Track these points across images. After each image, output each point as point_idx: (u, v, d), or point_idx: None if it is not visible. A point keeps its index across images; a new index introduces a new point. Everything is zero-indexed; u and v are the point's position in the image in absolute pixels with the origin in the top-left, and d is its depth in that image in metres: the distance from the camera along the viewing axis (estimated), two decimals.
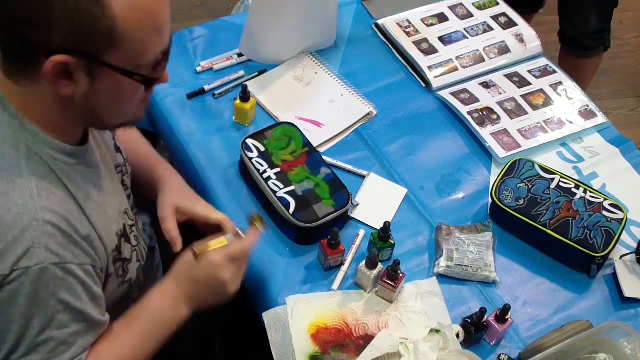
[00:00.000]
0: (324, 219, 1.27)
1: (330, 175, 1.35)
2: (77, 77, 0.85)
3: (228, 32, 1.69)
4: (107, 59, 0.85)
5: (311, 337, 1.17)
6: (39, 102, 0.89)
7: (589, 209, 1.34)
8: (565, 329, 1.21)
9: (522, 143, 1.52)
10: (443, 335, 1.15)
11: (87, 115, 0.92)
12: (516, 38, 1.74)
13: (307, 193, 1.30)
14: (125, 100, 0.93)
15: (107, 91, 0.89)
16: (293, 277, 1.26)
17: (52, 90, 0.87)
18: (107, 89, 0.89)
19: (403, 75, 1.67)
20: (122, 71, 0.87)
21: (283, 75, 1.61)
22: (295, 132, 1.41)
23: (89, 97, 0.88)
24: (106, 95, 0.90)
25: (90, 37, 0.82)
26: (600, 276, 1.33)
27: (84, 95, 0.88)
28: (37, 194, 0.86)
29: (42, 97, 0.88)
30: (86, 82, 0.87)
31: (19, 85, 0.88)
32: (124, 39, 0.84)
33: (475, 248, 1.30)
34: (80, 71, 0.85)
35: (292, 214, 1.27)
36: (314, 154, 1.38)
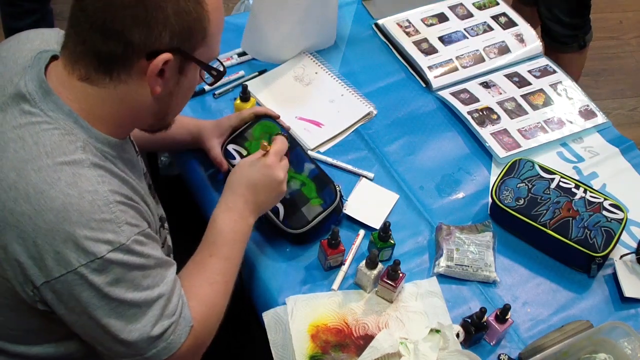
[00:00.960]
0: (314, 221, 1.27)
1: (314, 170, 1.33)
2: (169, 74, 0.93)
3: (228, 32, 1.67)
4: (198, 56, 0.95)
5: (311, 337, 1.17)
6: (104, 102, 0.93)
7: (589, 208, 1.34)
8: (565, 329, 1.21)
9: (522, 143, 1.52)
10: (443, 335, 1.15)
11: (158, 114, 0.99)
12: (516, 38, 1.74)
13: (294, 195, 1.29)
14: (191, 94, 1.03)
15: (187, 87, 0.99)
16: (293, 277, 1.26)
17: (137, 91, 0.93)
18: (187, 85, 0.98)
19: (403, 75, 1.67)
20: (206, 66, 0.98)
21: (283, 75, 1.61)
22: (274, 127, 1.38)
23: (172, 94, 0.97)
24: (183, 90, 0.99)
25: (192, 35, 0.92)
26: (600, 276, 1.33)
27: (169, 92, 0.96)
28: (102, 181, 0.90)
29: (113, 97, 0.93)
30: (175, 79, 0.95)
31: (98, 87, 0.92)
32: (211, 36, 0.94)
33: (475, 248, 1.30)
34: (173, 69, 0.93)
35: (282, 221, 1.27)
36: (295, 149, 1.35)
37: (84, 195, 0.88)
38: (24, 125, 0.90)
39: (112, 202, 0.90)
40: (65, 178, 0.88)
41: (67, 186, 0.87)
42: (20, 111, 0.91)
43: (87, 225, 0.87)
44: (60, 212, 0.86)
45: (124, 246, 0.89)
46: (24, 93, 0.91)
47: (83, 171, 0.89)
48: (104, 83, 0.92)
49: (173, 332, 0.97)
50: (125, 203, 0.92)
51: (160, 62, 0.90)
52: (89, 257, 0.87)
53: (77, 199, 0.87)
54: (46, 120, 0.91)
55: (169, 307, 0.97)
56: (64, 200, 0.86)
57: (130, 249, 0.90)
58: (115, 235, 0.89)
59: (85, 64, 0.91)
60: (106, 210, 0.89)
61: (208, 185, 1.39)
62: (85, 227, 0.87)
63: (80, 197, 0.87)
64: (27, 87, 0.92)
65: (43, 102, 0.91)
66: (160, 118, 1.02)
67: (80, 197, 0.87)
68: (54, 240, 0.86)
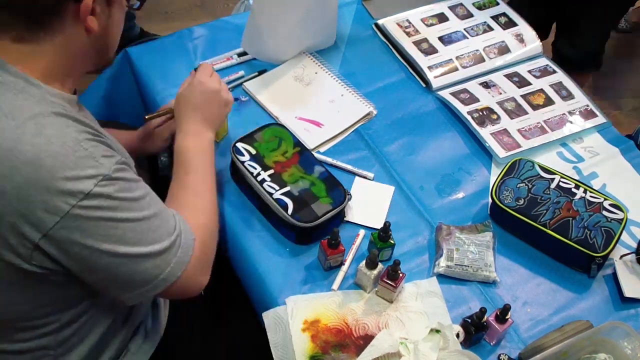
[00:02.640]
0: (324, 217, 1.27)
1: (324, 173, 1.34)
2: (100, 9, 0.97)
3: (228, 32, 1.70)
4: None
5: (311, 337, 1.17)
6: (45, 56, 0.95)
7: (589, 209, 1.34)
8: (565, 329, 1.21)
9: (522, 143, 1.52)
10: (443, 335, 1.15)
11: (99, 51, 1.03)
12: (516, 38, 1.74)
13: (303, 193, 1.30)
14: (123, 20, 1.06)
15: (118, 19, 1.03)
16: (293, 277, 1.26)
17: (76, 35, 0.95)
18: (117, 17, 1.02)
19: (403, 75, 1.67)
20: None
21: (283, 75, 1.61)
22: (284, 133, 1.40)
23: (107, 29, 1.01)
24: (116, 21, 1.03)
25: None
26: (600, 276, 1.33)
27: (103, 28, 0.99)
28: (65, 125, 0.91)
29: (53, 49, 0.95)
30: (106, 12, 0.99)
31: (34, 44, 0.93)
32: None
33: (475, 248, 1.30)
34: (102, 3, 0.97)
35: (291, 215, 1.27)
36: (305, 153, 1.37)
37: (52, 140, 0.88)
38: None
39: (82, 140, 0.91)
40: (29, 131, 0.88)
41: (33, 137, 0.88)
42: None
43: (65, 167, 0.88)
44: (34, 162, 0.87)
45: (107, 176, 0.91)
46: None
47: (44, 120, 0.90)
48: (38, 38, 0.93)
49: (180, 246, 1.02)
50: (95, 139, 0.93)
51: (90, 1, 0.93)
52: (78, 196, 0.88)
53: (46, 145, 0.88)
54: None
55: (169, 223, 1.02)
56: (34, 151, 0.87)
57: (114, 177, 0.92)
58: (96, 169, 0.90)
59: (13, 26, 0.92)
60: (78, 148, 0.90)
61: None
62: (63, 170, 0.88)
63: (49, 143, 0.88)
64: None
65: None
66: (102, 54, 1.05)
67: (49, 143, 0.88)
68: (37, 191, 0.87)
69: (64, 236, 0.90)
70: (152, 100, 1.55)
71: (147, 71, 1.59)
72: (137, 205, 0.96)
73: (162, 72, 1.58)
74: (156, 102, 1.53)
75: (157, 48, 1.65)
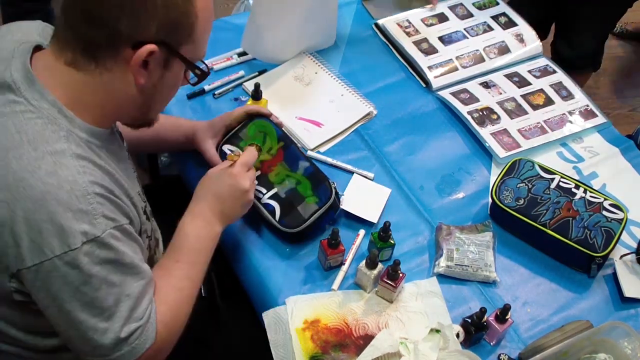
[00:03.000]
0: (310, 219, 1.27)
1: (309, 168, 1.33)
2: (153, 67, 0.94)
3: (228, 32, 1.69)
4: (183, 52, 0.95)
5: (311, 337, 1.17)
6: (90, 90, 0.94)
7: (589, 208, 1.34)
8: (565, 329, 1.21)
9: (522, 143, 1.52)
10: (443, 335, 1.15)
11: (141, 107, 1.00)
12: (516, 38, 1.74)
13: (289, 194, 1.30)
14: (175, 92, 1.04)
15: (171, 83, 0.99)
16: (293, 277, 1.26)
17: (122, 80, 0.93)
18: (171, 80, 0.99)
19: (403, 75, 1.67)
20: (190, 64, 0.98)
21: (283, 75, 1.61)
22: (268, 126, 1.38)
23: (155, 88, 0.97)
24: (168, 86, 1.00)
25: (178, 30, 0.93)
26: (600, 276, 1.33)
27: (153, 86, 0.96)
28: (83, 171, 0.90)
29: (99, 86, 0.94)
30: (159, 73, 0.95)
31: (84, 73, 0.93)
32: (198, 35, 0.95)
33: (475, 248, 1.30)
34: (158, 62, 0.94)
35: (278, 221, 1.27)
36: (289, 147, 1.36)
37: (62, 184, 0.87)
38: (7, 114, 0.91)
39: (91, 194, 0.89)
40: (45, 167, 0.88)
41: (47, 175, 0.87)
42: (5, 100, 0.92)
43: (64, 215, 0.87)
44: (38, 200, 0.86)
45: (98, 239, 0.89)
46: (9, 83, 0.92)
47: (64, 160, 0.89)
48: (89, 69, 0.92)
49: (139, 337, 0.97)
50: (104, 196, 0.92)
51: (144, 52, 0.90)
52: (63, 248, 0.87)
53: (55, 188, 0.87)
54: (30, 109, 0.91)
55: (138, 310, 0.96)
56: (43, 189, 0.87)
57: (104, 243, 0.90)
58: (91, 226, 0.88)
59: (72, 48, 0.92)
60: (84, 201, 0.88)
61: None
62: (61, 217, 0.87)
63: (59, 187, 0.87)
64: (13, 76, 0.92)
65: (28, 92, 0.92)
66: (143, 112, 1.02)
67: (59, 186, 0.87)
68: (31, 229, 0.87)
69: (35, 279, 0.89)
70: None
71: None
72: (115, 279, 0.93)
73: None
74: None
75: None
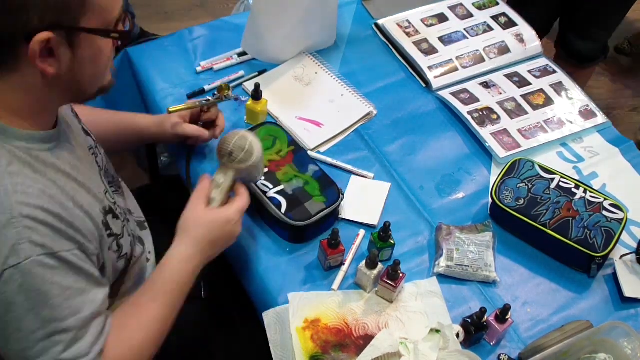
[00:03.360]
0: (317, 215, 1.27)
1: (318, 172, 1.34)
2: (60, 52, 0.88)
3: (228, 32, 1.69)
4: (84, 25, 0.88)
5: (311, 337, 1.17)
6: (10, 94, 0.90)
7: (589, 209, 1.34)
8: (565, 329, 1.21)
9: (522, 143, 1.52)
10: (443, 335, 1.15)
11: (70, 89, 0.94)
12: (516, 38, 1.74)
13: (297, 191, 1.30)
14: (104, 61, 0.96)
15: (88, 57, 0.92)
16: (293, 277, 1.26)
17: (32, 75, 0.88)
18: (88, 55, 0.91)
19: (403, 75, 1.67)
20: (100, 32, 0.90)
21: (283, 75, 1.61)
22: (279, 132, 1.40)
23: (73, 69, 0.91)
24: (88, 61, 0.92)
25: (65, 8, 0.85)
26: (600, 276, 1.33)
27: (68, 68, 0.90)
28: (13, 190, 0.86)
29: (15, 87, 0.90)
30: (68, 54, 0.89)
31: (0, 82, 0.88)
32: (94, 2, 0.88)
33: (475, 248, 1.30)
34: (61, 45, 0.87)
35: (285, 214, 1.27)
36: (300, 152, 1.37)
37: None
38: None
39: (17, 217, 0.85)
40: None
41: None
42: None
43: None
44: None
45: (19, 266, 0.85)
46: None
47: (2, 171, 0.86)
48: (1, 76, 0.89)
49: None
50: (36, 219, 0.87)
51: (37, 44, 0.84)
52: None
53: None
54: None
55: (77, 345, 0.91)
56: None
57: (26, 271, 0.86)
58: (12, 252, 0.85)
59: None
60: (8, 225, 0.85)
61: None
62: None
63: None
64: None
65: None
66: (75, 91, 0.97)
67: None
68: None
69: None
70: (152, 100, 1.55)
71: (147, 71, 1.59)
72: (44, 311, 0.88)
73: (162, 72, 1.58)
74: (156, 102, 1.53)
75: (157, 48, 1.64)
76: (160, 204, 1.36)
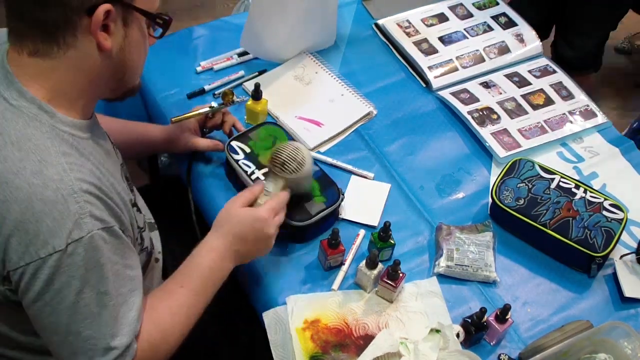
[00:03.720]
0: (317, 216, 1.27)
1: (318, 172, 1.34)
2: (114, 27, 0.92)
3: (228, 32, 1.69)
4: (137, 5, 0.94)
5: (311, 337, 1.17)
6: (62, 74, 0.93)
7: (589, 208, 1.34)
8: (565, 329, 1.21)
9: (522, 143, 1.52)
10: (443, 335, 1.15)
11: (116, 74, 0.98)
12: (516, 38, 1.74)
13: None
14: (145, 50, 1.02)
15: (135, 41, 0.97)
16: (293, 277, 1.26)
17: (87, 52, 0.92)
18: (135, 38, 0.97)
19: (403, 75, 1.67)
20: (149, 15, 0.96)
21: (283, 74, 1.61)
22: (279, 132, 1.40)
23: (124, 49, 0.96)
24: (135, 45, 0.97)
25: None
26: (600, 276, 1.33)
27: (120, 47, 0.95)
28: (69, 168, 0.89)
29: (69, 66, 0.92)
30: (121, 32, 0.94)
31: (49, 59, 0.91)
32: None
33: (475, 248, 1.30)
34: (116, 21, 0.92)
35: (285, 214, 1.27)
36: None
37: (48, 184, 0.87)
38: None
39: (77, 192, 0.88)
40: (30, 167, 0.87)
41: (32, 175, 0.87)
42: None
43: (50, 216, 0.86)
44: (24, 202, 0.86)
45: (83, 240, 0.88)
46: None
47: (49, 158, 0.88)
48: (53, 53, 0.91)
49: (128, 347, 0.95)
50: (93, 193, 0.90)
51: (101, 14, 0.88)
52: (48, 249, 0.87)
53: (41, 187, 0.86)
54: (9, 110, 0.90)
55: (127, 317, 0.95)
56: (29, 191, 0.86)
57: (90, 244, 0.89)
58: (76, 227, 0.87)
59: (30, 38, 0.90)
60: (70, 200, 0.87)
61: (207, 185, 1.39)
62: (47, 218, 0.86)
63: (44, 187, 0.86)
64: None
65: (6, 92, 0.91)
66: (119, 78, 1.00)
67: (45, 186, 0.86)
68: (18, 231, 0.86)
69: (20, 280, 0.89)
70: (152, 100, 1.55)
71: (147, 71, 1.57)
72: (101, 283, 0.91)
73: (162, 72, 1.58)
74: (156, 102, 1.53)
75: (157, 48, 1.64)
76: (160, 204, 1.36)
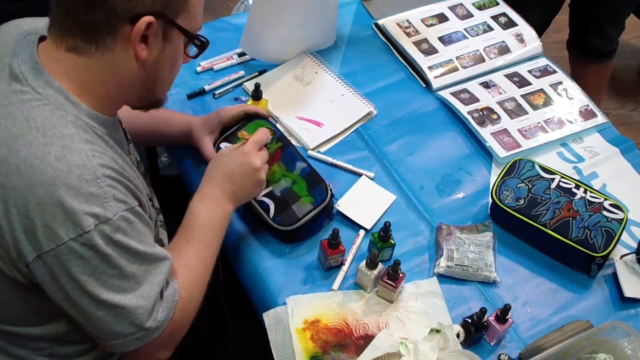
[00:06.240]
0: (304, 218, 1.27)
1: (306, 169, 1.34)
2: (153, 40, 0.95)
3: (228, 32, 1.69)
4: (180, 23, 0.96)
5: (311, 337, 1.17)
6: (94, 73, 0.95)
7: (589, 209, 1.34)
8: (565, 329, 1.21)
9: (522, 143, 1.52)
10: (443, 335, 1.15)
11: (146, 84, 1.00)
12: (516, 38, 1.74)
13: (284, 192, 1.30)
14: (178, 68, 1.04)
15: (171, 57, 1.00)
16: (293, 277, 1.26)
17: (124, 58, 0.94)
18: (171, 54, 0.99)
19: (403, 75, 1.67)
20: (189, 35, 0.99)
21: (283, 75, 1.61)
22: (267, 126, 1.38)
23: (158, 62, 0.98)
24: (169, 60, 1.00)
25: (172, 1, 0.94)
26: (600, 276, 1.33)
27: (155, 59, 0.97)
28: (92, 155, 0.91)
29: (103, 67, 0.95)
30: (159, 46, 0.96)
31: (85, 57, 0.93)
32: (193, 4, 0.97)
33: (475, 248, 1.30)
34: (156, 35, 0.95)
35: (272, 218, 1.27)
36: (287, 148, 1.36)
37: (72, 169, 0.88)
38: (14, 103, 0.91)
39: (101, 177, 0.90)
40: (55, 152, 0.88)
41: (56, 160, 0.88)
42: (11, 90, 0.92)
43: (75, 199, 0.88)
44: (49, 185, 0.87)
45: (110, 221, 0.90)
46: (16, 73, 0.93)
47: (73, 145, 0.90)
48: (90, 52, 0.93)
49: (160, 314, 0.98)
50: (115, 178, 0.93)
51: (142, 25, 0.91)
52: (77, 231, 0.88)
53: (65, 172, 0.88)
54: (36, 97, 0.92)
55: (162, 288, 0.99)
56: (53, 174, 0.87)
57: (116, 225, 0.91)
58: (102, 209, 0.89)
59: (72, 35, 0.93)
60: (94, 184, 0.89)
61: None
62: (73, 201, 0.87)
63: (68, 171, 0.88)
64: (20, 68, 0.93)
65: (34, 81, 0.92)
66: (148, 89, 1.02)
67: (69, 171, 0.88)
68: (44, 214, 0.87)
69: (54, 264, 0.90)
70: None
71: None
72: (132, 258, 0.94)
73: None
74: None
75: None
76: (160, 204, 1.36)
